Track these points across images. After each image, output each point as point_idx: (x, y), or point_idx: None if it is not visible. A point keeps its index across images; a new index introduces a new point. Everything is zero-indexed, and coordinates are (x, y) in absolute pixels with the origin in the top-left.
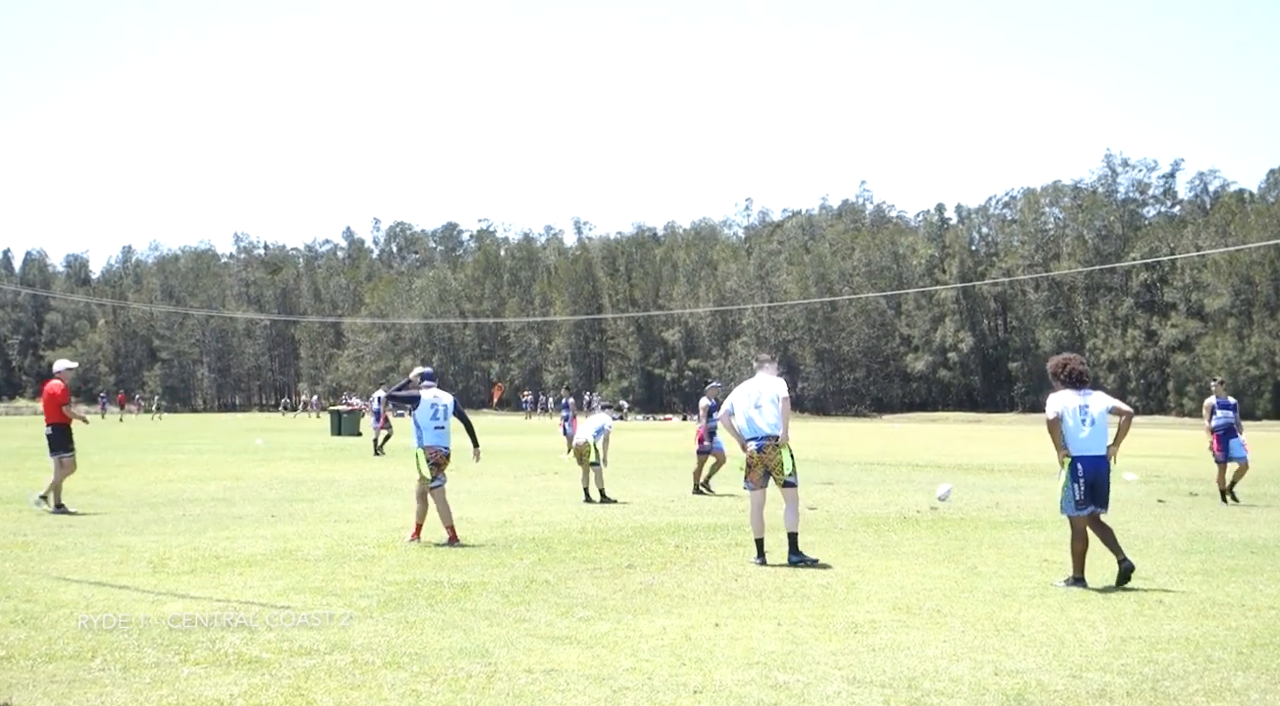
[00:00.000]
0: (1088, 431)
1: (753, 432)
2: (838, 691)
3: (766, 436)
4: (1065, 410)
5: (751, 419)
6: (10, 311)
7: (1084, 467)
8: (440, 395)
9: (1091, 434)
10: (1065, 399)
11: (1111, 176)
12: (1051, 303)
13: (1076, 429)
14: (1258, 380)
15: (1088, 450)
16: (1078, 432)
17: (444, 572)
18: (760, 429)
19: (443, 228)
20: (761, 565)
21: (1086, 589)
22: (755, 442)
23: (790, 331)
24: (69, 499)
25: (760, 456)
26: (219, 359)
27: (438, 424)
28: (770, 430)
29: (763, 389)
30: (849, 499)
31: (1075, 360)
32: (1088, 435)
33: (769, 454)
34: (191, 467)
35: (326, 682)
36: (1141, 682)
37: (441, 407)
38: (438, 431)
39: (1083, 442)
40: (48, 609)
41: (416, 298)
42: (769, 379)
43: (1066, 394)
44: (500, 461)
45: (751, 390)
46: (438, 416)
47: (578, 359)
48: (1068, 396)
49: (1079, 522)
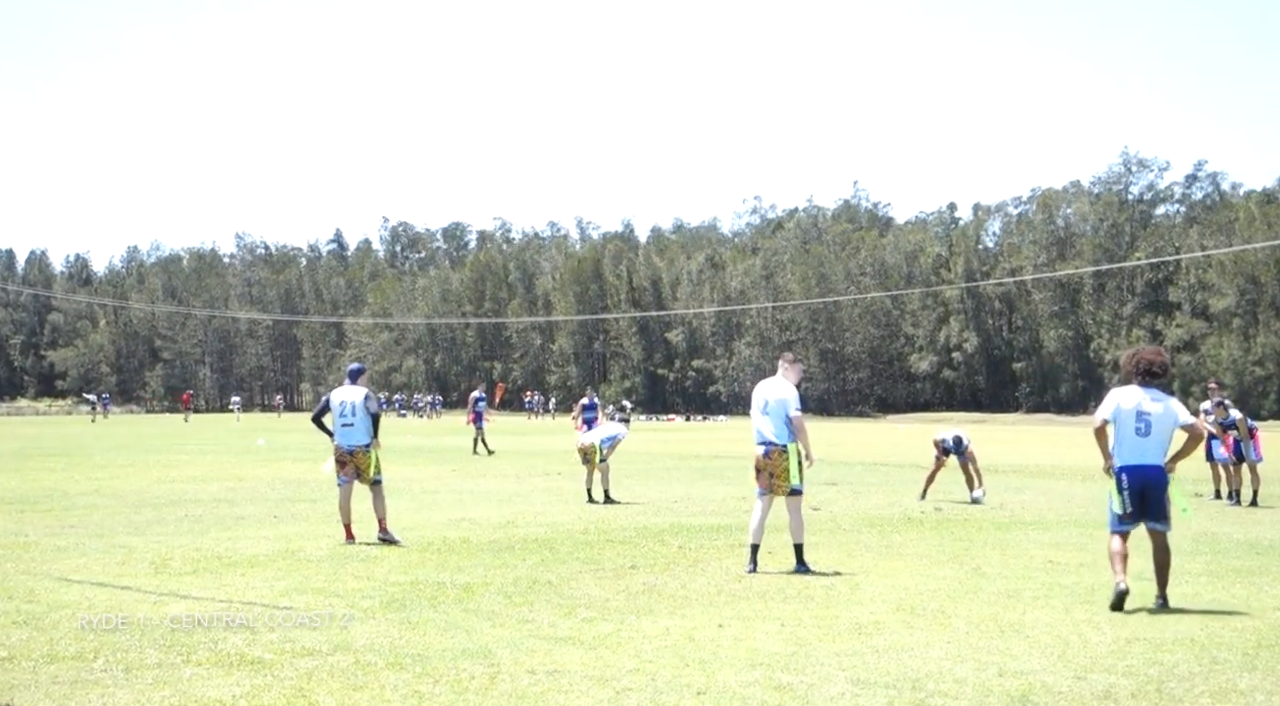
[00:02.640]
0: (1142, 440)
1: (760, 437)
2: (841, 692)
3: (772, 443)
4: (1120, 411)
5: (759, 424)
6: (12, 311)
7: (1129, 478)
8: (351, 392)
9: (1145, 444)
10: (1124, 397)
11: (1125, 176)
12: (1057, 302)
13: (1127, 435)
14: (1263, 381)
15: (1138, 459)
16: (1129, 439)
17: (446, 573)
18: (765, 435)
19: (446, 227)
20: (751, 573)
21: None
22: (763, 447)
23: (794, 331)
24: (69, 499)
25: (766, 461)
26: (221, 359)
27: (345, 421)
28: (775, 438)
29: (769, 397)
30: (853, 500)
31: (1149, 352)
32: (1140, 444)
33: (775, 460)
34: (194, 468)
35: (329, 683)
36: (1146, 684)
37: (350, 405)
38: (344, 429)
39: (1132, 450)
40: (50, 609)
41: (419, 298)
42: (783, 385)
43: (1128, 391)
44: (503, 462)
45: (765, 393)
46: (345, 414)
47: (581, 359)
48: (1127, 394)
49: (1116, 541)
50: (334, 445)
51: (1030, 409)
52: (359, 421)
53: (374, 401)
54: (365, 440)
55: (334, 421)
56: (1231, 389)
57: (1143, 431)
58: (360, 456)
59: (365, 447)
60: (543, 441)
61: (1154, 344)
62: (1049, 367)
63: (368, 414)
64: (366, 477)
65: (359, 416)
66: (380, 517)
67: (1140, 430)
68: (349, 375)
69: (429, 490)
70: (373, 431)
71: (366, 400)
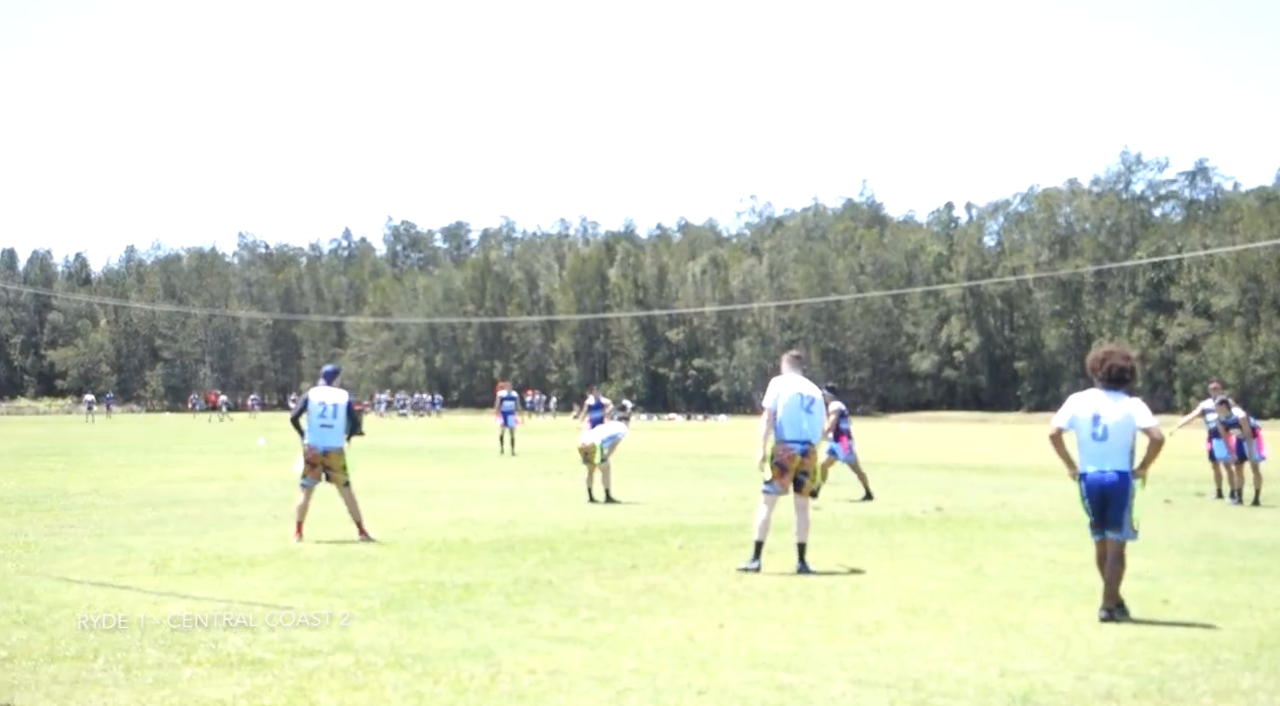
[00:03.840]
0: (1099, 445)
1: (799, 435)
2: (843, 692)
3: (810, 441)
4: (1076, 419)
5: (799, 421)
6: (12, 310)
7: (1087, 485)
8: (332, 394)
9: (1104, 449)
10: (1081, 403)
11: (1126, 174)
12: (1058, 301)
13: (1085, 441)
14: (1265, 379)
15: (1097, 465)
16: (1086, 444)
17: (447, 573)
18: (805, 432)
19: (447, 227)
20: (756, 571)
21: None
22: (799, 446)
23: (795, 330)
24: (70, 499)
25: (803, 461)
26: (221, 358)
27: (324, 422)
28: (814, 436)
29: (813, 394)
30: (854, 500)
31: (1119, 356)
32: (1099, 450)
33: (811, 458)
34: (194, 468)
35: (329, 683)
36: (1148, 684)
37: (332, 407)
38: (322, 430)
39: (1090, 456)
40: (49, 609)
41: (420, 297)
42: (808, 382)
43: (1087, 396)
44: (504, 462)
45: (804, 390)
46: (325, 415)
47: (582, 358)
48: (1085, 400)
49: (1098, 547)
50: (305, 445)
51: (1032, 408)
52: (339, 423)
53: (353, 401)
54: (341, 442)
55: (310, 422)
56: (1233, 388)
57: (1100, 437)
58: (335, 458)
59: (340, 450)
60: (544, 441)
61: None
62: (1050, 367)
63: (349, 416)
64: (339, 479)
65: (340, 418)
66: (357, 520)
67: (1097, 435)
68: (324, 376)
69: (429, 490)
70: (355, 429)
71: (350, 402)
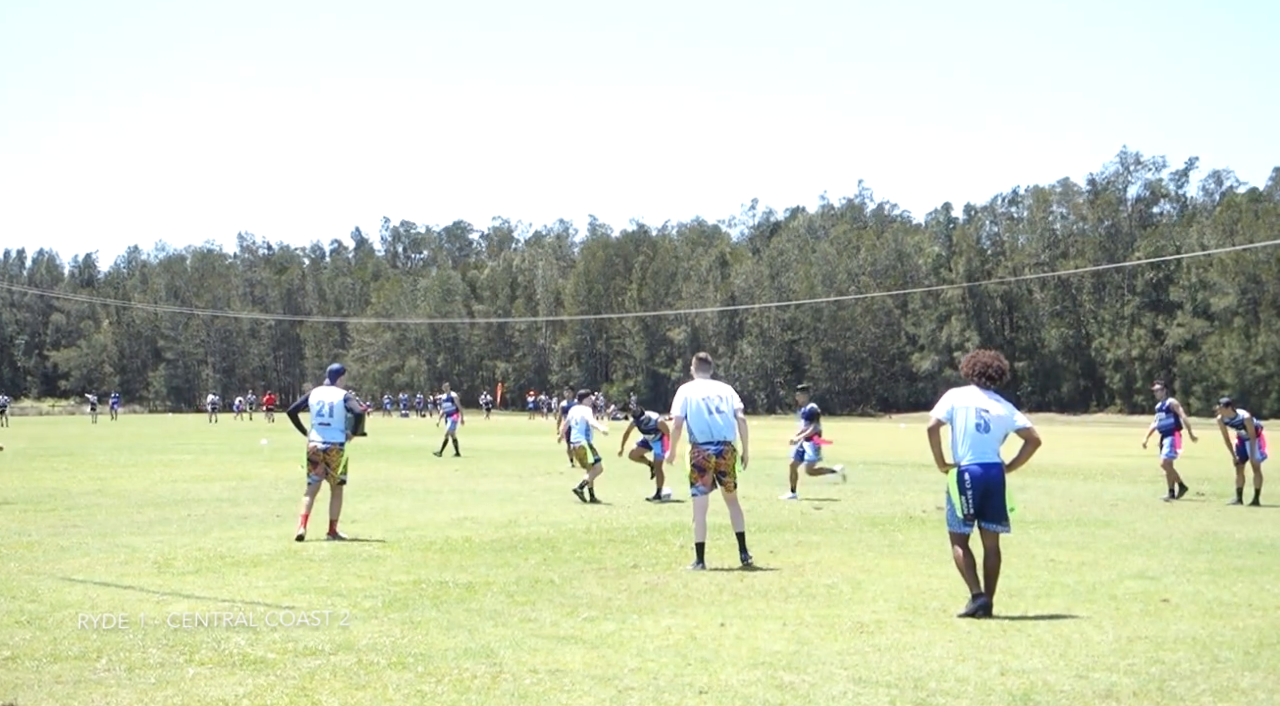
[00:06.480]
0: (983, 437)
1: (712, 436)
2: (844, 691)
3: (725, 442)
4: (955, 410)
5: (710, 423)
6: (15, 311)
7: (971, 477)
8: (330, 393)
9: (986, 441)
10: (960, 397)
11: (1124, 174)
12: (1058, 301)
13: (968, 432)
14: (1264, 379)
15: (980, 457)
16: (970, 435)
17: (449, 573)
18: (718, 433)
19: (448, 227)
20: (700, 570)
21: (984, 607)
22: (713, 447)
23: (796, 331)
24: (72, 499)
25: (718, 461)
26: (224, 359)
27: (321, 421)
28: (728, 436)
29: (721, 394)
30: (855, 499)
31: (986, 356)
32: (982, 441)
33: (727, 459)
34: (196, 468)
35: (331, 683)
36: (1148, 682)
37: (328, 406)
38: (320, 427)
39: (973, 448)
40: (52, 609)
41: (422, 297)
42: (719, 384)
43: (966, 391)
44: (505, 462)
45: (707, 392)
46: (322, 414)
47: (584, 358)
48: (964, 394)
49: (960, 539)
50: (308, 443)
51: (1032, 408)
52: (335, 421)
53: (356, 401)
54: (339, 438)
55: (310, 420)
56: (1233, 388)
57: (983, 428)
58: (333, 454)
59: (339, 446)
60: (544, 441)
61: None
62: (1050, 367)
63: (345, 414)
64: (334, 476)
65: (335, 416)
66: (333, 519)
67: (981, 426)
68: (329, 375)
69: (431, 489)
70: (358, 429)
71: (346, 401)
